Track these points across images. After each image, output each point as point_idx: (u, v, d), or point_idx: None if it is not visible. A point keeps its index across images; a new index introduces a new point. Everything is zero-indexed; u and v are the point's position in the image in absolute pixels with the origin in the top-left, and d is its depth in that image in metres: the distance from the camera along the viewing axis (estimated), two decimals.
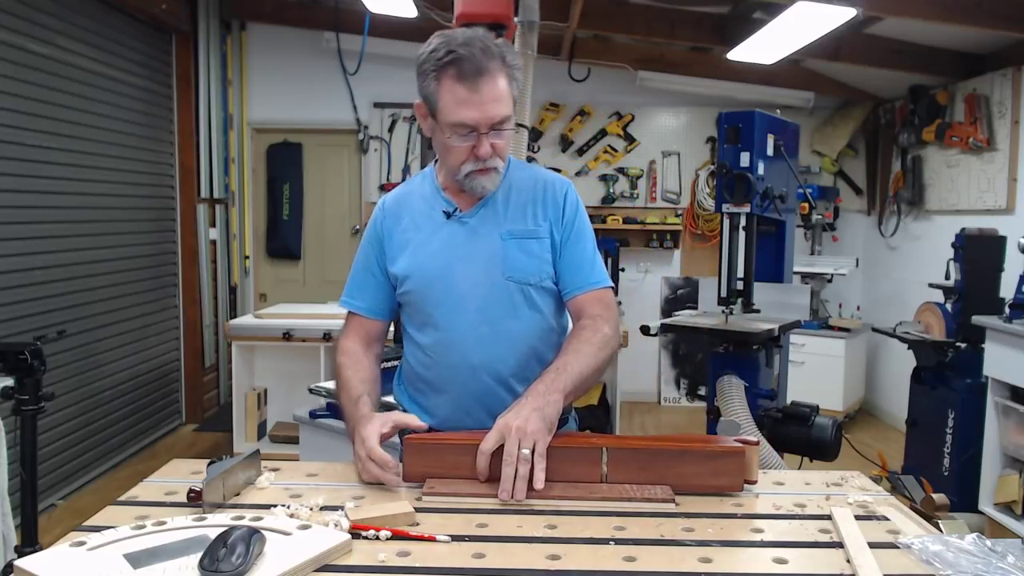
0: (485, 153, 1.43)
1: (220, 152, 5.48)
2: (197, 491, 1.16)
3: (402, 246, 1.56)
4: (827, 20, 3.86)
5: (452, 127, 1.42)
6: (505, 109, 1.42)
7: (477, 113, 1.40)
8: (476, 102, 1.39)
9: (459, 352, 1.50)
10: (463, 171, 1.46)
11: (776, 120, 3.02)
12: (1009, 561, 0.97)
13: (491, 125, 1.41)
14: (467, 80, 1.38)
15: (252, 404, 4.38)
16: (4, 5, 3.45)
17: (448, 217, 1.54)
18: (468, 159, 1.44)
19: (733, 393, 2.67)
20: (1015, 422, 3.30)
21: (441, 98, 1.42)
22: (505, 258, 1.51)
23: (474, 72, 1.38)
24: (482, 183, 1.48)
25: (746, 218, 2.94)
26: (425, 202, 1.58)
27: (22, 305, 3.56)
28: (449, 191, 1.57)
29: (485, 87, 1.39)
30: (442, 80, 1.41)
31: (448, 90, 1.41)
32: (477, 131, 1.42)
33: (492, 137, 1.43)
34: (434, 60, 1.43)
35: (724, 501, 1.22)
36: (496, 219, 1.54)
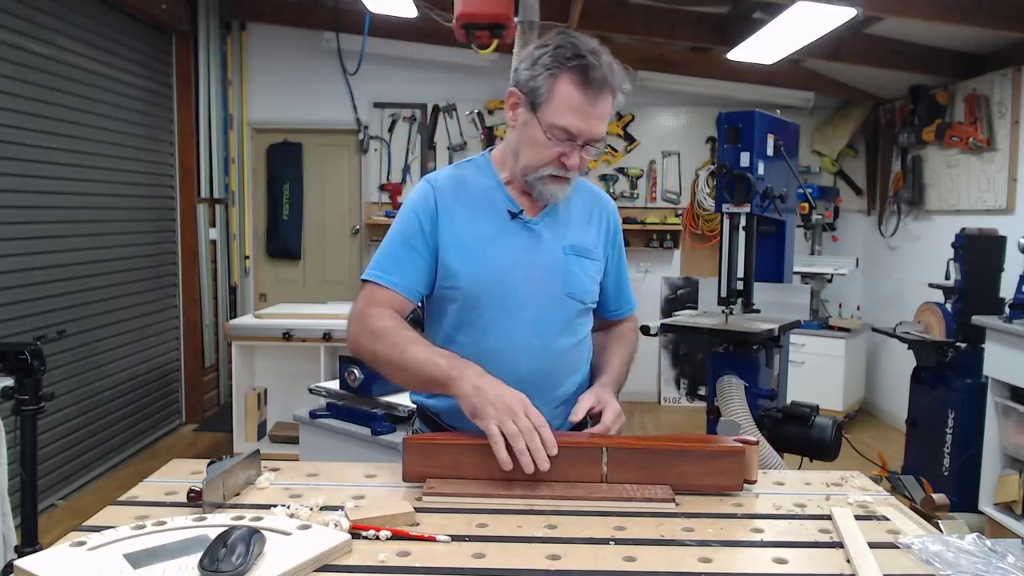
0: (574, 164, 1.41)
1: (220, 152, 5.48)
2: (197, 491, 1.16)
3: (457, 236, 1.46)
4: (827, 20, 3.86)
5: (553, 128, 1.38)
6: (604, 128, 1.42)
7: (584, 124, 1.37)
8: (587, 113, 1.37)
9: (508, 361, 1.43)
10: (541, 172, 1.42)
11: (776, 120, 3.02)
12: (1009, 561, 0.97)
13: (589, 139, 1.40)
14: (587, 89, 1.36)
15: (252, 404, 4.38)
16: (4, 5, 3.45)
17: (512, 218, 1.48)
18: (552, 163, 1.41)
19: (733, 393, 2.67)
20: (1015, 422, 3.30)
21: (554, 96, 1.37)
22: (567, 273, 1.49)
23: (597, 84, 1.36)
24: (553, 191, 1.44)
25: (746, 218, 2.94)
26: (486, 195, 1.50)
27: (22, 305, 3.56)
28: (512, 189, 1.51)
29: (600, 102, 1.38)
30: (560, 79, 1.36)
31: (564, 91, 1.36)
32: (575, 140, 1.39)
33: (584, 152, 1.42)
34: (558, 56, 1.37)
35: (724, 501, 1.22)
36: (559, 230, 1.51)
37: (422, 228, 1.46)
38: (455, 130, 5.94)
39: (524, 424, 1.22)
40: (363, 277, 1.48)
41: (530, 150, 1.42)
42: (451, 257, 1.45)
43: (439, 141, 5.96)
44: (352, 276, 6.17)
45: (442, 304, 1.50)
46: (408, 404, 2.54)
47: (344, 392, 2.74)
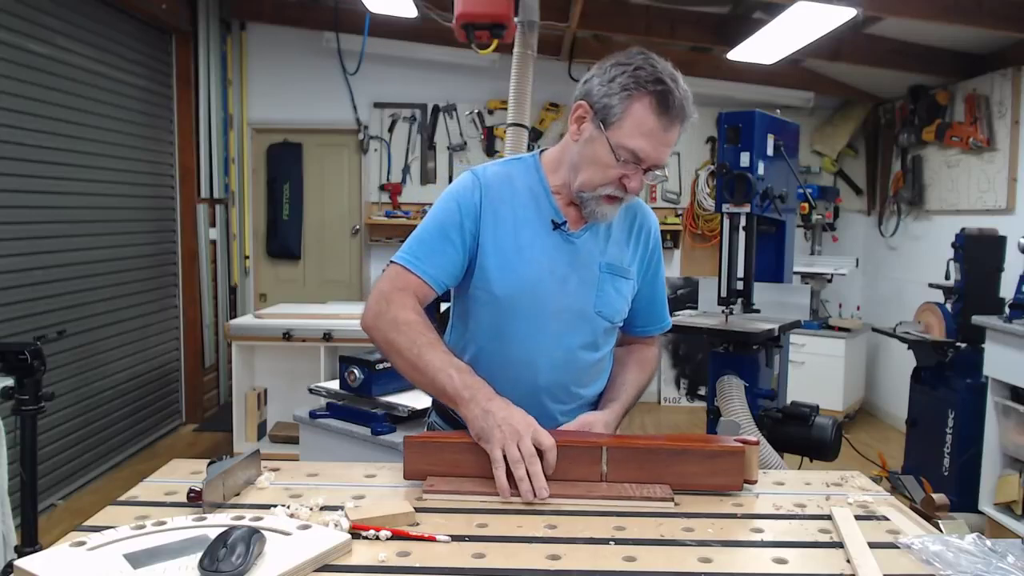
0: (635, 188, 1.39)
1: (220, 152, 5.48)
2: (197, 491, 1.16)
3: (499, 240, 1.44)
4: (827, 20, 3.86)
5: (622, 149, 1.35)
6: (667, 158, 1.42)
7: (653, 150, 1.36)
8: (659, 140, 1.36)
9: (529, 371, 1.44)
10: (599, 192, 1.40)
11: (776, 120, 3.02)
12: (1009, 561, 0.97)
13: (653, 165, 1.39)
14: (664, 117, 1.34)
15: (252, 404, 4.38)
16: (4, 5, 3.45)
17: (555, 228, 1.46)
18: (613, 184, 1.39)
19: (733, 393, 2.67)
20: (1015, 422, 3.30)
21: (627, 116, 1.35)
22: (600, 291, 1.47)
23: (674, 114, 1.35)
24: (606, 211, 1.42)
25: (746, 218, 2.94)
26: (532, 199, 1.47)
27: (22, 305, 3.56)
28: (559, 199, 1.48)
29: (672, 132, 1.37)
30: (636, 100, 1.34)
31: (640, 113, 1.34)
32: (640, 164, 1.37)
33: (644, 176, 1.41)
34: (637, 77, 1.34)
35: (724, 501, 1.22)
36: (598, 246, 1.49)
37: (462, 222, 1.43)
38: (455, 130, 5.94)
39: (527, 449, 1.21)
40: (394, 259, 1.44)
41: (592, 168, 1.40)
42: (489, 262, 1.44)
43: (439, 141, 5.96)
44: (352, 276, 6.17)
45: (473, 305, 1.48)
46: (408, 404, 2.55)
47: (344, 392, 2.74)
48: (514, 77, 3.23)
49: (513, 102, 3.24)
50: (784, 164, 3.04)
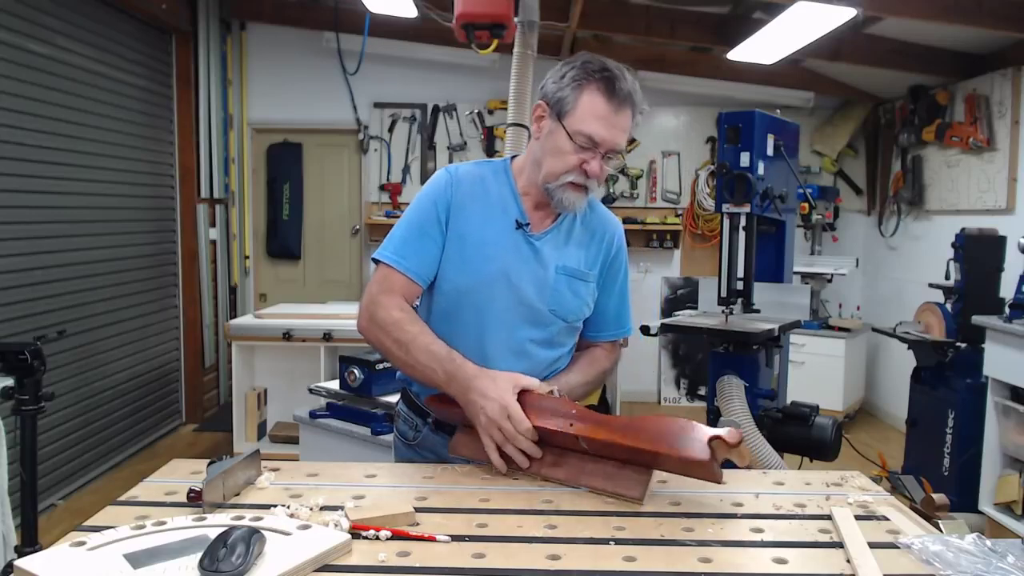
0: (594, 171, 1.45)
1: (220, 152, 5.48)
2: (197, 491, 1.16)
3: (462, 232, 1.51)
4: (827, 20, 3.86)
5: (578, 135, 1.43)
6: (624, 140, 1.47)
7: (607, 132, 1.43)
8: (611, 123, 1.43)
9: (480, 359, 1.46)
10: (562, 179, 1.46)
11: (776, 120, 3.02)
12: (1009, 561, 0.97)
13: (611, 150, 1.45)
14: (612, 100, 1.42)
15: (252, 404, 4.38)
16: (4, 5, 3.45)
17: (517, 228, 1.52)
18: (574, 170, 1.45)
19: (733, 393, 2.67)
20: (1015, 422, 3.30)
21: (579, 105, 1.43)
22: (555, 291, 1.52)
23: (622, 96, 1.43)
24: (572, 199, 1.48)
25: (746, 218, 2.94)
26: (499, 199, 1.54)
27: (22, 305, 3.56)
28: (526, 201, 1.55)
29: (623, 114, 1.44)
30: (585, 89, 1.43)
31: (589, 101, 1.43)
32: (597, 148, 1.44)
33: (604, 162, 1.46)
34: (586, 69, 1.44)
35: (724, 501, 1.22)
36: (558, 249, 1.54)
37: (438, 217, 1.51)
38: (455, 130, 5.94)
39: (508, 431, 1.31)
40: (377, 257, 1.52)
41: (553, 158, 1.47)
42: (452, 253, 1.50)
43: (439, 141, 5.96)
44: (352, 276, 6.17)
45: (433, 293, 1.55)
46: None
47: (344, 392, 2.74)
48: (514, 77, 3.23)
49: (513, 102, 3.24)
50: (784, 164, 3.04)
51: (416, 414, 1.61)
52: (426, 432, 1.60)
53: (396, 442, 1.70)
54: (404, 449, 1.65)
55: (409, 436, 1.63)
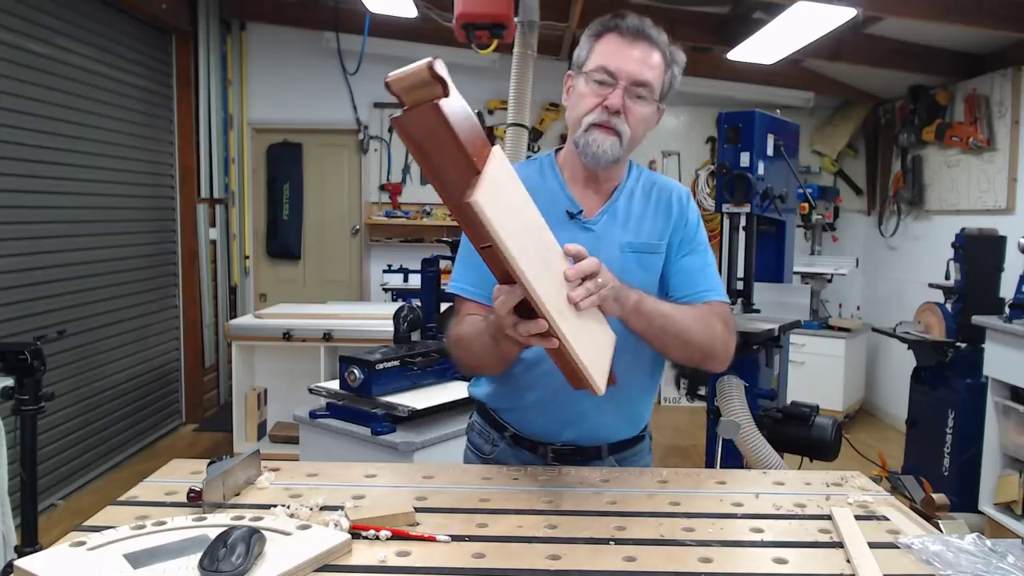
0: (614, 102, 1.35)
1: (220, 152, 5.48)
2: (197, 491, 1.16)
3: None
4: (827, 20, 3.86)
5: (593, 72, 1.38)
6: (651, 75, 1.38)
7: (621, 62, 1.36)
8: (626, 54, 1.37)
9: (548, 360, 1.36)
10: (585, 122, 1.38)
11: (776, 120, 3.03)
12: (1009, 561, 0.97)
13: (632, 81, 1.36)
14: (624, 35, 1.38)
15: (252, 404, 4.38)
16: (4, 5, 3.45)
17: (571, 218, 1.44)
18: (595, 109, 1.37)
19: (733, 393, 2.67)
20: (1015, 422, 3.30)
21: (594, 51, 1.40)
22: (623, 271, 1.38)
23: (635, 31, 1.38)
24: (599, 142, 1.37)
25: (746, 218, 2.94)
26: (546, 196, 1.43)
27: (22, 305, 3.56)
28: (574, 188, 1.47)
29: (641, 47, 1.38)
30: (601, 38, 1.40)
31: (602, 43, 1.39)
32: (615, 80, 1.36)
33: (629, 99, 1.37)
34: (600, 23, 1.41)
35: (724, 501, 1.22)
36: (617, 227, 1.45)
37: None
38: None
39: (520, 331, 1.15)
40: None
41: (576, 107, 1.41)
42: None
43: None
44: (352, 276, 6.18)
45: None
46: (408, 404, 2.55)
47: (344, 392, 2.74)
48: (514, 77, 3.23)
49: (513, 102, 3.24)
50: (784, 164, 3.04)
51: (493, 427, 1.54)
52: (503, 447, 1.52)
53: (469, 455, 1.61)
54: (478, 463, 1.56)
55: (485, 451, 1.55)
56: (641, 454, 1.54)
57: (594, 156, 1.39)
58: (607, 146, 1.38)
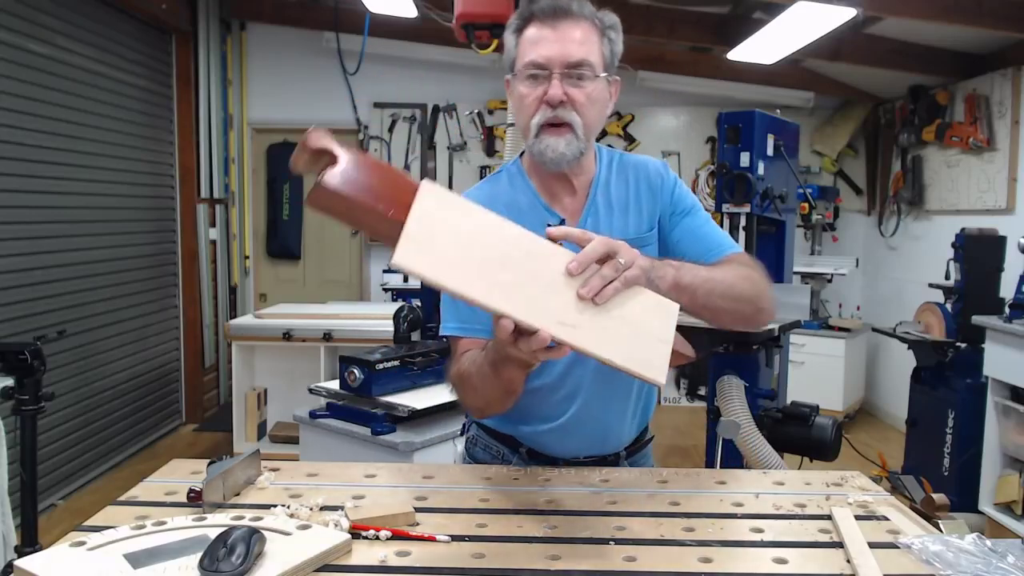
0: (554, 95, 1.24)
1: (220, 152, 5.48)
2: (197, 491, 1.16)
3: None
4: (827, 20, 3.86)
5: (523, 70, 1.27)
6: (583, 51, 1.25)
7: (548, 49, 1.25)
8: (551, 39, 1.25)
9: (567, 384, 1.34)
10: (534, 126, 1.28)
11: (776, 120, 3.03)
12: (1009, 561, 0.97)
13: (565, 65, 1.25)
14: (545, 20, 1.27)
15: (252, 404, 4.38)
16: (4, 5, 3.45)
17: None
18: (538, 109, 1.27)
19: (733, 393, 2.67)
20: (1015, 422, 3.30)
21: (519, 48, 1.30)
22: None
23: (551, 12, 1.26)
24: (553, 145, 1.27)
25: (746, 218, 2.94)
26: (521, 210, 1.34)
27: (22, 305, 3.56)
28: (547, 192, 1.37)
29: (564, 26, 1.26)
30: (522, 32, 1.30)
31: (525, 37, 1.29)
32: (549, 70, 1.25)
33: (569, 85, 1.25)
34: (517, 15, 1.31)
35: (724, 501, 1.22)
36: (603, 226, 1.35)
37: None
38: (455, 130, 5.94)
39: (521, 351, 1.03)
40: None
41: (518, 111, 1.31)
42: None
43: (439, 141, 5.96)
44: (352, 276, 6.17)
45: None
46: (408, 404, 2.55)
47: (344, 392, 2.74)
48: None
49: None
50: (784, 164, 3.04)
51: (503, 443, 1.45)
52: (516, 460, 1.43)
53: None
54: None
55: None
56: (647, 454, 1.54)
57: (552, 161, 1.29)
58: (562, 147, 1.28)
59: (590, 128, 1.30)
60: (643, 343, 1.02)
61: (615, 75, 1.34)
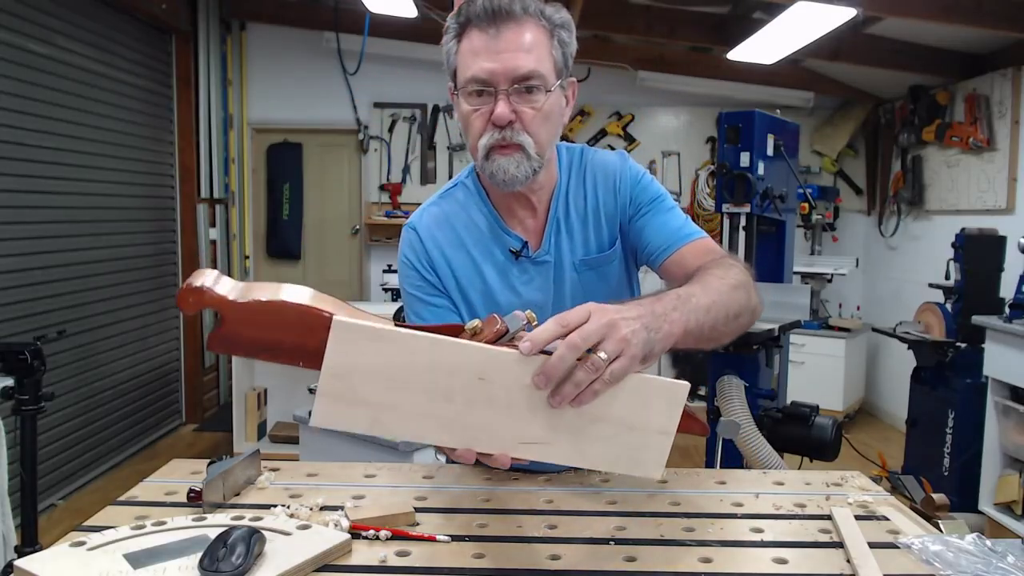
0: (500, 115, 1.13)
1: (220, 152, 5.48)
2: (197, 491, 1.16)
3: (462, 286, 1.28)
4: (827, 20, 3.86)
5: (465, 87, 1.15)
6: (532, 63, 1.12)
7: (490, 61, 1.12)
8: (492, 48, 1.12)
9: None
10: (482, 147, 1.17)
11: (776, 120, 3.03)
12: (1009, 561, 0.97)
13: (512, 80, 1.13)
14: (485, 26, 1.12)
15: (252, 404, 4.38)
16: (4, 5, 3.45)
17: (517, 257, 1.26)
18: (485, 130, 1.16)
19: (733, 393, 2.67)
20: (1015, 422, 3.30)
21: (459, 59, 1.16)
22: (588, 294, 1.26)
23: (491, 15, 1.12)
24: (504, 167, 1.16)
25: (746, 218, 2.94)
26: (481, 229, 1.28)
27: (22, 305, 3.56)
28: (506, 211, 1.28)
29: (507, 33, 1.12)
30: (461, 39, 1.17)
31: (465, 45, 1.15)
32: (494, 87, 1.13)
33: (518, 101, 1.14)
34: (453, 18, 1.17)
35: (724, 501, 1.22)
36: (565, 245, 1.28)
37: (425, 278, 1.29)
38: (455, 130, 5.94)
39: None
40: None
41: (465, 130, 1.20)
42: (464, 312, 1.30)
43: (439, 141, 5.96)
44: (352, 276, 6.17)
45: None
46: None
47: None
48: None
49: None
50: (784, 164, 3.04)
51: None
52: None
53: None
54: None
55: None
56: None
57: (504, 183, 1.19)
58: (513, 169, 1.17)
59: (544, 145, 1.19)
60: (636, 440, 0.87)
61: (570, 76, 1.23)
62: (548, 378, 0.81)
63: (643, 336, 0.85)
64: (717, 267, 1.12)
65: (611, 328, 0.82)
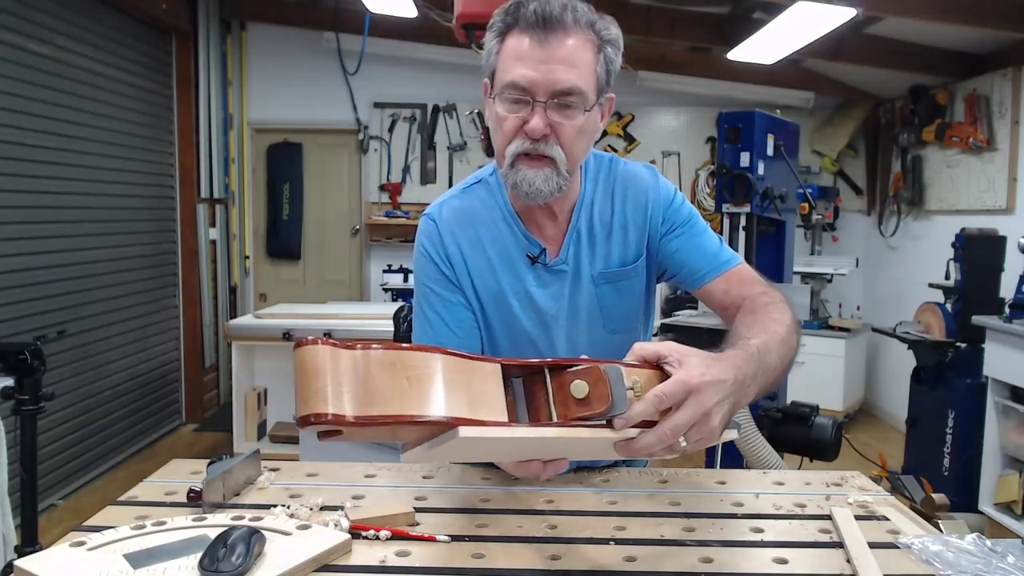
0: (534, 128, 1.09)
1: (220, 152, 5.48)
2: (197, 491, 1.16)
3: (478, 286, 1.27)
4: (827, 20, 3.86)
5: (503, 91, 1.11)
6: (575, 78, 1.09)
7: (534, 71, 1.08)
8: (537, 58, 1.08)
9: None
10: (509, 154, 1.14)
11: (776, 120, 3.03)
12: (1009, 561, 0.97)
13: (552, 93, 1.09)
14: (534, 31, 1.08)
15: (252, 404, 4.38)
16: (4, 5, 3.45)
17: (534, 262, 1.25)
18: (516, 137, 1.12)
19: None
20: (1015, 422, 3.30)
21: (501, 59, 1.12)
22: (603, 308, 1.26)
23: (542, 22, 1.08)
24: (530, 179, 1.13)
25: (746, 218, 2.94)
26: (502, 228, 1.26)
27: (22, 305, 3.56)
28: (527, 216, 1.26)
29: (554, 42, 1.08)
30: (506, 39, 1.13)
31: (510, 45, 1.11)
32: (532, 96, 1.09)
33: (554, 114, 1.10)
34: (500, 16, 1.13)
35: (724, 501, 1.22)
36: (585, 256, 1.26)
37: (443, 272, 1.28)
38: (455, 130, 5.94)
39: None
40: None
41: (494, 131, 1.17)
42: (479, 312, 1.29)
43: (439, 141, 5.96)
44: (352, 276, 6.18)
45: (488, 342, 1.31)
46: None
47: None
48: None
49: None
50: (784, 164, 3.04)
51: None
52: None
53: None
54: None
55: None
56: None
57: (528, 195, 1.16)
58: (539, 182, 1.14)
59: (575, 162, 1.17)
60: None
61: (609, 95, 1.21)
62: (630, 453, 0.85)
63: (726, 416, 0.88)
64: (774, 309, 1.12)
65: (705, 418, 0.85)
